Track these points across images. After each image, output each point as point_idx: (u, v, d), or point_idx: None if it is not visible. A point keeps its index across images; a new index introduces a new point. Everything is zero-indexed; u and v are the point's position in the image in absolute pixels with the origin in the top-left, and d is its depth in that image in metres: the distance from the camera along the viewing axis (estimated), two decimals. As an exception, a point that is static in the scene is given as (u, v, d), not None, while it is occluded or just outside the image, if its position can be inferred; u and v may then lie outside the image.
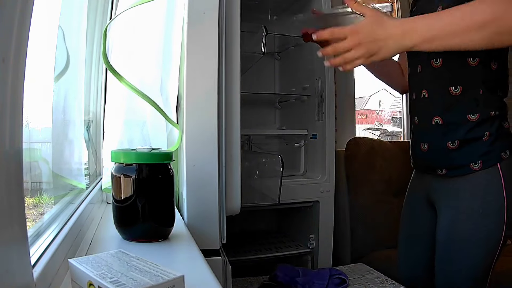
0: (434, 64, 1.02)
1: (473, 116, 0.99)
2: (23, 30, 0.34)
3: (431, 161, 1.09)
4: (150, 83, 0.89)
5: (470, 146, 1.00)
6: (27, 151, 0.62)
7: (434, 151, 1.07)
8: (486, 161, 0.99)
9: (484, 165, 0.99)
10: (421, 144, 1.10)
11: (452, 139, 1.02)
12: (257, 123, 1.99)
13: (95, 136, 1.17)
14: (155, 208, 0.67)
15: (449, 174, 1.05)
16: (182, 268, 0.53)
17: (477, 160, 1.00)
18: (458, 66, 1.00)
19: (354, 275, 1.33)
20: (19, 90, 0.34)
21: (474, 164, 1.00)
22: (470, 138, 1.00)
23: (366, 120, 5.61)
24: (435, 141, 1.06)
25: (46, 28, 0.66)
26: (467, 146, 1.01)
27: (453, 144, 1.02)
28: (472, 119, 0.99)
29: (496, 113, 1.00)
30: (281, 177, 1.43)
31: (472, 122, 1.00)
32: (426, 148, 1.09)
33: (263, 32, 1.48)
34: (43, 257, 0.45)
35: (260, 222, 2.02)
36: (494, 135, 0.99)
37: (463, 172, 1.02)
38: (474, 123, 0.99)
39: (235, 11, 0.89)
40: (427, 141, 1.08)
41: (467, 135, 1.00)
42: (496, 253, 1.02)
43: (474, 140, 1.00)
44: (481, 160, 0.99)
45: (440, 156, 1.05)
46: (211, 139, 0.82)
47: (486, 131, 0.99)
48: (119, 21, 0.92)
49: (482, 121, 0.99)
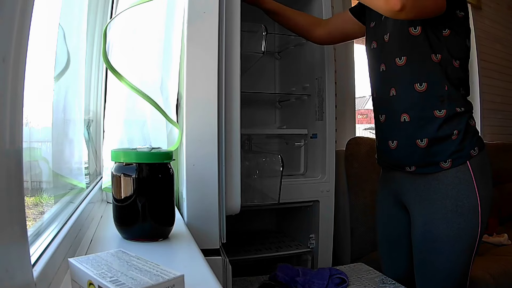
0: (398, 62, 1.05)
1: (440, 112, 1.00)
2: (23, 30, 0.34)
3: (400, 159, 1.09)
4: (150, 82, 0.89)
5: (439, 145, 1.01)
6: (27, 150, 0.62)
7: (403, 148, 1.07)
8: (456, 159, 1.01)
9: (454, 163, 1.01)
10: (389, 141, 1.10)
11: (421, 137, 1.02)
12: (257, 122, 1.99)
13: (95, 135, 1.17)
14: (155, 207, 0.67)
15: (418, 171, 1.05)
16: (182, 267, 0.53)
17: (447, 159, 1.01)
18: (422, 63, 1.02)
19: (354, 275, 1.33)
20: (19, 89, 0.34)
21: (444, 162, 1.01)
22: (440, 137, 1.01)
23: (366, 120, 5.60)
24: (404, 139, 1.06)
25: (46, 28, 0.66)
26: (436, 145, 1.01)
27: (422, 142, 1.02)
28: (439, 116, 1.00)
29: (462, 109, 1.02)
30: (281, 177, 1.44)
31: (439, 119, 1.00)
32: (394, 146, 1.09)
33: (263, 32, 1.48)
34: (43, 256, 0.45)
35: (260, 222, 2.02)
36: (462, 133, 1.01)
37: (432, 170, 1.03)
38: (442, 120, 1.00)
39: (235, 11, 0.89)
40: (396, 139, 1.08)
41: (436, 134, 1.01)
42: (473, 250, 1.03)
43: (443, 138, 1.01)
44: (451, 159, 1.01)
45: (409, 153, 1.06)
46: (211, 139, 0.82)
47: (454, 129, 1.00)
48: (119, 20, 0.92)
49: (449, 118, 1.00)
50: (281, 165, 1.43)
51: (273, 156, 1.51)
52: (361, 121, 5.48)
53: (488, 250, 1.92)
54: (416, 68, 1.00)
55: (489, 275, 1.59)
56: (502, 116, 2.77)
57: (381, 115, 1.13)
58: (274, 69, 2.07)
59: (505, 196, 2.33)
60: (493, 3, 2.80)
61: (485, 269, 1.60)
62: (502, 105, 2.84)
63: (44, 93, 0.68)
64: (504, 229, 2.17)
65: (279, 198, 1.45)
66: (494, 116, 2.70)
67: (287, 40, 1.94)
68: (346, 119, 2.23)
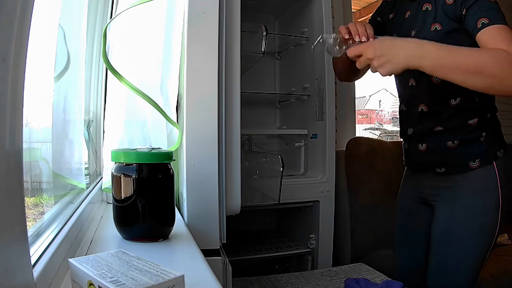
0: (434, 80, 1.05)
1: (472, 121, 1.05)
2: (23, 30, 0.34)
3: (430, 161, 1.12)
4: (150, 83, 0.89)
5: (469, 146, 1.06)
6: (27, 150, 0.62)
7: (433, 150, 1.10)
8: (484, 160, 1.05)
9: (482, 163, 1.05)
10: (418, 145, 1.13)
11: (452, 139, 1.06)
12: (257, 123, 1.99)
13: (95, 135, 1.17)
14: (155, 207, 0.67)
15: (447, 171, 1.09)
16: (182, 267, 0.53)
17: (475, 159, 1.05)
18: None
19: (354, 275, 1.33)
20: (19, 90, 0.34)
21: (472, 162, 1.05)
22: (470, 139, 1.05)
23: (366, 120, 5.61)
24: (435, 142, 1.09)
25: (46, 28, 0.66)
26: (466, 146, 1.06)
27: (453, 144, 1.06)
28: (472, 123, 1.05)
29: (491, 115, 1.08)
30: (281, 177, 1.43)
31: (471, 126, 1.05)
32: (424, 148, 1.12)
33: (263, 32, 1.48)
34: (43, 256, 0.45)
35: (260, 222, 2.02)
36: (490, 135, 1.06)
37: (462, 170, 1.06)
38: (473, 127, 1.05)
39: (235, 11, 0.89)
40: (426, 142, 1.11)
41: (467, 137, 1.05)
42: (489, 249, 1.07)
43: (473, 140, 1.05)
44: (479, 159, 1.05)
45: (439, 155, 1.09)
46: (211, 139, 0.82)
47: (483, 132, 1.05)
48: (119, 20, 0.92)
49: (480, 124, 1.05)
50: (281, 165, 1.43)
51: (273, 156, 1.51)
52: (361, 121, 5.48)
53: (488, 250, 1.92)
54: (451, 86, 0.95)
55: (489, 275, 1.59)
56: (502, 116, 2.76)
57: (409, 129, 1.16)
58: (274, 69, 2.07)
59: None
60: (493, 3, 2.80)
61: (485, 269, 1.60)
62: (502, 105, 2.83)
63: (44, 93, 0.68)
64: (504, 229, 2.17)
65: (279, 198, 1.45)
66: (494, 116, 2.70)
67: (287, 40, 1.94)
68: (346, 119, 2.22)
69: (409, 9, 1.11)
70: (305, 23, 1.79)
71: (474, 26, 0.92)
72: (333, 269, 1.41)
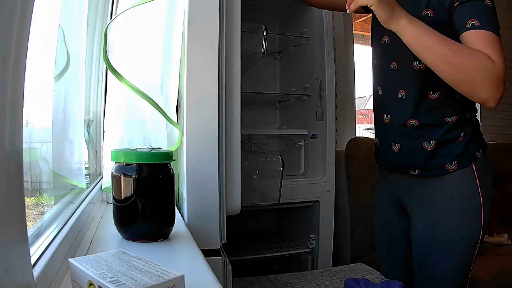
0: (416, 66, 1.00)
1: (451, 118, 1.00)
2: (23, 30, 0.34)
3: (403, 162, 1.07)
4: (150, 83, 0.89)
5: (446, 147, 1.00)
6: (27, 150, 0.62)
7: (407, 152, 1.05)
8: (462, 162, 1.00)
9: (460, 165, 1.00)
10: (392, 144, 1.07)
11: (428, 139, 1.01)
12: (258, 123, 1.99)
13: (95, 135, 1.17)
14: (155, 207, 0.67)
15: (422, 174, 1.04)
16: (182, 267, 0.53)
17: (453, 161, 1.00)
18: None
19: (354, 275, 1.33)
20: (19, 90, 0.34)
21: (449, 164, 1.00)
22: (447, 139, 1.00)
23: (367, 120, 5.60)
24: (410, 142, 1.04)
25: (46, 28, 0.66)
26: (443, 147, 1.00)
27: (429, 145, 1.01)
28: (450, 121, 1.00)
29: (471, 115, 1.02)
30: (281, 177, 1.43)
31: (449, 124, 1.00)
32: (397, 149, 1.06)
33: (263, 32, 1.48)
34: (43, 256, 0.45)
35: (260, 222, 2.02)
36: (469, 135, 1.00)
37: (438, 173, 1.01)
38: (451, 125, 1.00)
39: (235, 11, 0.89)
40: (399, 142, 1.05)
41: (443, 137, 1.00)
42: (475, 252, 1.01)
43: (450, 141, 1.00)
44: (457, 161, 0.99)
45: (413, 156, 1.03)
46: (211, 139, 0.82)
47: (461, 131, 1.00)
48: (119, 21, 0.92)
49: (458, 123, 1.00)
50: (281, 165, 1.43)
51: (274, 156, 1.51)
52: (361, 121, 5.47)
53: (488, 250, 1.92)
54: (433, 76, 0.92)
55: (489, 275, 1.59)
56: (502, 116, 2.77)
57: (386, 115, 1.08)
58: (274, 69, 2.07)
59: (505, 196, 2.33)
60: (493, 3, 2.80)
61: (485, 269, 1.60)
62: (502, 105, 2.82)
63: (44, 93, 0.68)
64: (504, 229, 2.17)
65: (279, 198, 1.45)
66: (494, 116, 2.70)
67: (287, 40, 1.94)
68: (346, 119, 2.22)
69: None
70: (305, 23, 1.79)
71: (463, 24, 0.89)
72: (333, 269, 1.41)
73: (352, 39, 2.30)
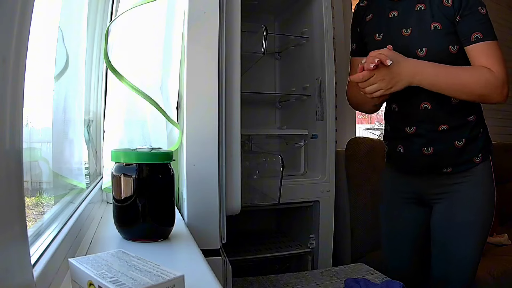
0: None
1: (471, 117, 1.12)
2: (23, 30, 0.34)
3: (435, 163, 1.14)
4: (150, 82, 0.89)
5: (473, 143, 1.12)
6: (27, 150, 0.62)
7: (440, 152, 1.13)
8: (484, 154, 1.13)
9: (483, 158, 1.13)
10: (423, 148, 1.14)
11: (459, 138, 1.11)
12: (258, 123, 1.99)
13: (95, 135, 1.17)
14: (155, 208, 0.67)
15: (454, 170, 1.13)
16: (182, 267, 0.53)
17: (478, 154, 1.12)
18: None
19: (354, 275, 1.33)
20: (19, 90, 0.34)
21: (476, 157, 1.12)
22: (473, 136, 1.12)
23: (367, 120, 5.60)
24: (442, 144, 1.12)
25: (46, 28, 0.66)
26: (471, 144, 1.12)
27: (460, 143, 1.11)
28: (471, 120, 1.12)
29: (482, 114, 1.16)
30: (281, 177, 1.43)
31: (472, 122, 1.12)
32: (430, 152, 1.13)
33: (263, 32, 1.48)
34: (43, 256, 0.45)
35: (260, 222, 2.02)
36: (485, 131, 1.15)
37: (467, 167, 1.13)
38: (473, 123, 1.12)
39: (235, 11, 0.89)
40: (432, 145, 1.13)
41: (471, 134, 1.11)
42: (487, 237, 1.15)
43: (475, 137, 1.12)
44: (481, 154, 1.13)
45: (447, 156, 1.13)
46: (211, 139, 0.82)
47: (480, 128, 1.14)
48: (119, 21, 0.92)
49: (477, 121, 1.13)
50: (281, 165, 1.43)
51: (274, 157, 1.51)
52: (361, 121, 5.48)
53: (488, 250, 1.92)
54: None
55: (489, 275, 1.59)
56: (502, 116, 2.77)
57: (409, 127, 1.15)
58: (274, 69, 2.07)
59: (505, 196, 2.32)
60: (493, 3, 2.80)
61: (485, 269, 1.60)
62: (502, 105, 2.82)
63: (44, 93, 0.68)
64: (504, 229, 2.17)
65: (279, 198, 1.45)
66: (494, 116, 2.69)
67: (287, 40, 1.94)
68: (346, 119, 2.22)
69: (395, 9, 1.12)
70: (305, 23, 1.79)
71: (468, 37, 1.02)
72: (333, 269, 1.41)
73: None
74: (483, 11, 1.02)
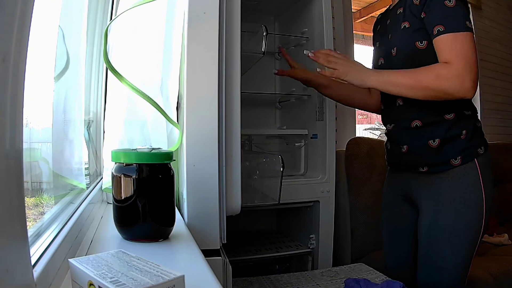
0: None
1: (449, 115, 1.07)
2: (23, 30, 0.34)
3: (412, 161, 1.15)
4: (150, 83, 0.89)
5: (450, 144, 1.08)
6: (27, 151, 0.62)
7: (414, 151, 1.13)
8: (465, 157, 1.07)
9: (463, 160, 1.07)
10: (399, 146, 1.16)
11: (433, 138, 1.08)
12: (258, 123, 1.99)
13: (95, 136, 1.17)
14: (156, 208, 0.67)
15: (430, 171, 1.11)
16: (182, 268, 0.53)
17: (457, 156, 1.07)
18: None
19: (354, 275, 1.33)
20: (19, 90, 0.34)
21: (454, 160, 1.08)
22: (450, 137, 1.07)
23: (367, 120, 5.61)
24: (416, 142, 1.12)
25: (46, 28, 0.66)
26: (447, 144, 1.08)
27: (434, 143, 1.08)
28: (449, 118, 1.07)
29: (469, 112, 1.09)
30: (281, 177, 1.43)
31: (449, 121, 1.07)
32: (405, 150, 1.14)
33: (263, 32, 1.48)
34: (44, 257, 0.45)
35: (260, 222, 2.01)
36: (470, 132, 1.08)
37: (444, 168, 1.09)
38: (451, 122, 1.07)
39: (236, 11, 0.89)
40: (406, 143, 1.14)
41: (447, 134, 1.07)
42: (476, 244, 1.09)
43: (453, 138, 1.07)
44: (461, 156, 1.07)
45: (421, 155, 1.12)
46: (211, 139, 0.82)
47: (463, 129, 1.08)
48: (119, 21, 0.92)
49: (458, 120, 1.07)
50: (281, 165, 1.43)
51: (274, 157, 1.51)
52: (361, 121, 5.48)
53: (488, 250, 1.92)
54: None
55: (489, 275, 1.59)
56: (502, 116, 2.77)
57: (389, 124, 1.20)
58: (274, 69, 2.06)
59: (505, 196, 2.32)
60: (493, 3, 2.80)
61: (485, 269, 1.60)
62: (502, 105, 2.83)
63: (44, 93, 0.68)
64: (504, 229, 2.17)
65: (279, 198, 1.45)
66: (494, 116, 2.70)
67: (287, 40, 1.94)
68: (346, 119, 2.22)
69: (388, 17, 1.19)
70: (305, 23, 1.79)
71: (431, 32, 1.01)
72: (333, 269, 1.41)
73: (352, 39, 2.30)
74: (450, 3, 0.98)
